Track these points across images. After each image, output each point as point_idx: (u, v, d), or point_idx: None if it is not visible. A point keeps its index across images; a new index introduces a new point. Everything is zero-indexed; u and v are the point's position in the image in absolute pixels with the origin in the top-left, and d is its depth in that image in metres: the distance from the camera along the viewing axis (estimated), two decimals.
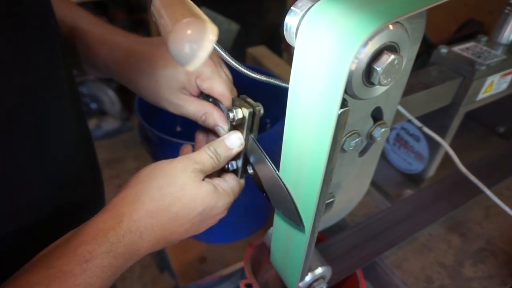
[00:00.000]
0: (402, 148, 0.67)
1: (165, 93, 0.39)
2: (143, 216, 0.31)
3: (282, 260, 0.40)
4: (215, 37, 0.25)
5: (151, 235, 0.31)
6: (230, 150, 0.36)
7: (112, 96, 2.02)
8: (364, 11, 0.21)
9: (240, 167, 0.39)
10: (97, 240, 0.28)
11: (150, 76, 0.39)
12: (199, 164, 0.34)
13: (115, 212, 0.30)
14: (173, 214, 0.32)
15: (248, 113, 0.34)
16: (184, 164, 0.33)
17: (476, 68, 0.50)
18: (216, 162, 0.35)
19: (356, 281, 0.50)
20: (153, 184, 0.32)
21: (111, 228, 0.29)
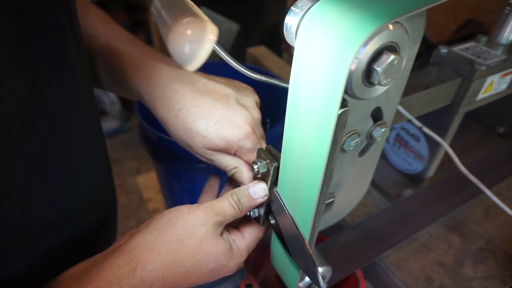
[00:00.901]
0: (402, 148, 0.67)
1: (199, 149, 0.37)
2: (157, 267, 0.30)
3: (282, 260, 0.40)
4: (215, 37, 0.25)
5: (160, 286, 0.31)
6: (254, 201, 0.35)
7: (112, 96, 2.02)
8: (364, 11, 0.21)
9: (262, 216, 0.37)
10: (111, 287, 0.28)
11: (187, 129, 0.36)
12: (221, 215, 0.33)
13: (131, 258, 0.30)
14: (185, 268, 0.32)
15: (273, 167, 0.34)
16: (206, 216, 0.33)
17: (476, 68, 0.50)
18: (237, 212, 0.35)
19: (356, 281, 0.50)
20: (172, 233, 0.32)
21: (125, 276, 0.29)
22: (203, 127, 0.36)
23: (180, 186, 0.77)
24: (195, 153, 0.38)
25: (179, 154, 0.66)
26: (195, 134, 0.36)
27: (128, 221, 1.50)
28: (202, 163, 0.67)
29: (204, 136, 0.36)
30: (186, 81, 0.37)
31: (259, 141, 0.37)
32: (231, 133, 0.35)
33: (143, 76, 0.38)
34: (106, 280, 0.29)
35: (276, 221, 0.36)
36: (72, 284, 0.29)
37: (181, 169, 0.72)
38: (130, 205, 1.61)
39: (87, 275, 0.29)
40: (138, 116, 0.71)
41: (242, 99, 0.38)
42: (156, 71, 0.38)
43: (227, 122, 0.36)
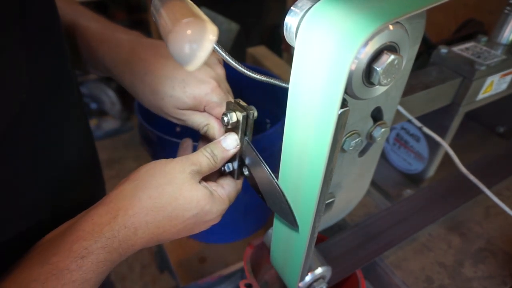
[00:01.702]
0: (402, 148, 0.67)
1: (169, 110, 0.38)
2: (138, 212, 0.31)
3: (282, 260, 0.40)
4: (215, 37, 0.25)
5: (145, 232, 0.31)
6: (227, 152, 0.37)
7: (112, 96, 2.02)
8: (364, 11, 0.21)
9: (236, 169, 0.39)
10: (93, 236, 0.28)
11: (155, 92, 0.38)
12: (197, 165, 0.34)
13: (111, 206, 0.31)
14: (168, 213, 0.32)
15: (242, 116, 0.35)
16: (182, 165, 0.34)
17: (476, 68, 0.50)
18: (212, 163, 0.36)
19: (356, 281, 0.50)
20: (151, 181, 0.32)
21: (107, 223, 0.29)
22: (170, 88, 0.37)
23: None
24: (167, 115, 0.39)
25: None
26: (163, 95, 0.37)
27: None
28: None
29: (171, 96, 0.37)
30: (148, 47, 0.39)
31: (226, 95, 0.39)
32: (198, 89, 0.37)
33: (107, 48, 0.40)
34: (87, 229, 0.29)
35: (249, 172, 0.37)
36: (56, 239, 0.30)
37: None
38: None
39: (69, 229, 0.30)
40: (138, 116, 0.71)
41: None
42: (118, 43, 0.40)
43: (192, 79, 0.37)
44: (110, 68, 0.41)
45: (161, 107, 0.38)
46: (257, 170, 0.36)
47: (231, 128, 0.37)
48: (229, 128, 0.37)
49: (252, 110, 0.35)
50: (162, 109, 0.39)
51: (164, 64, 0.38)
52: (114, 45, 0.40)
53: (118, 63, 0.40)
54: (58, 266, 0.27)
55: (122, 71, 0.40)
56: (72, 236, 0.28)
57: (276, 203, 0.34)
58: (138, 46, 0.39)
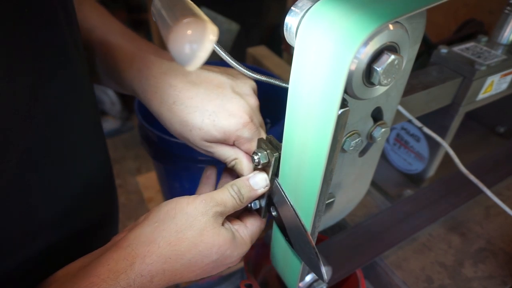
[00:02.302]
0: (402, 148, 0.67)
1: (196, 141, 0.36)
2: (156, 261, 0.30)
3: (282, 260, 0.40)
4: (215, 37, 0.25)
5: (161, 279, 0.30)
6: (255, 191, 0.35)
7: (112, 96, 2.02)
8: (364, 11, 0.21)
9: (264, 207, 0.37)
10: (107, 284, 0.27)
11: (183, 122, 0.35)
12: (221, 206, 0.33)
13: (128, 252, 0.29)
14: (187, 260, 0.31)
15: (274, 158, 0.33)
16: (205, 206, 0.32)
17: (476, 68, 0.50)
18: (238, 203, 0.34)
19: (356, 281, 0.50)
20: (171, 225, 0.31)
21: (123, 271, 0.28)
22: (199, 119, 0.35)
23: (180, 186, 0.77)
24: (193, 146, 0.37)
25: (179, 154, 0.66)
26: (191, 127, 0.35)
27: (128, 221, 1.50)
28: (202, 163, 0.67)
29: (200, 128, 0.35)
30: (179, 73, 0.36)
31: (258, 130, 0.36)
32: (228, 123, 0.34)
33: (136, 70, 0.38)
34: (102, 276, 0.28)
35: (277, 213, 0.35)
36: (67, 281, 0.29)
37: (181, 169, 0.72)
38: (130, 205, 1.61)
39: (82, 271, 0.29)
40: (138, 116, 0.71)
41: (238, 87, 0.36)
42: (149, 65, 0.37)
43: (223, 112, 0.35)
44: (137, 91, 0.38)
45: (188, 138, 0.36)
46: (285, 212, 0.34)
47: (261, 168, 0.35)
48: (259, 168, 0.35)
49: None
50: (189, 140, 0.37)
51: (194, 93, 0.35)
52: (144, 67, 0.37)
53: (146, 88, 0.37)
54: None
55: (150, 97, 0.37)
56: (86, 282, 0.27)
57: (305, 252, 0.33)
58: (169, 71, 0.37)
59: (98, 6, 0.44)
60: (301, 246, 0.33)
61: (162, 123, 0.38)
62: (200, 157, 0.66)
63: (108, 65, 0.40)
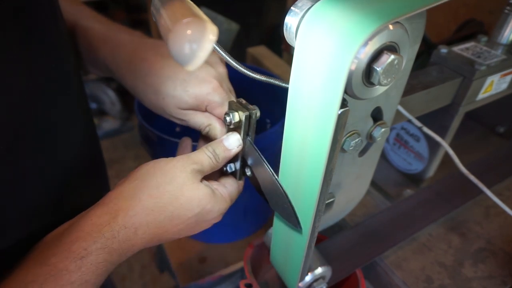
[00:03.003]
0: (402, 148, 0.67)
1: (170, 110, 0.38)
2: (139, 212, 0.30)
3: (282, 260, 0.40)
4: (215, 37, 0.25)
5: (145, 232, 0.31)
6: (229, 151, 0.36)
7: (112, 96, 2.02)
8: (364, 11, 0.21)
9: (239, 169, 0.39)
10: (92, 236, 0.28)
11: (156, 92, 0.38)
12: (198, 164, 0.34)
13: (111, 207, 0.30)
14: (169, 213, 0.32)
15: (245, 116, 0.35)
16: (183, 164, 0.33)
17: (476, 68, 0.50)
18: (214, 162, 0.35)
19: (356, 281, 0.50)
20: (152, 181, 0.32)
21: (106, 224, 0.29)
22: (171, 87, 0.37)
23: None
24: (169, 115, 0.39)
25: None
26: (164, 96, 0.37)
27: None
28: None
29: (173, 96, 0.37)
30: (150, 47, 0.39)
31: (228, 94, 0.38)
32: (199, 89, 0.37)
33: (109, 49, 0.40)
34: (87, 230, 0.28)
35: (252, 173, 0.37)
36: (55, 239, 0.29)
37: None
38: None
39: (67, 230, 0.29)
40: (138, 116, 0.71)
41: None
42: (120, 43, 0.39)
43: (194, 79, 0.37)
44: (111, 69, 0.40)
45: (162, 107, 0.38)
46: (259, 171, 0.36)
47: (234, 128, 0.37)
48: (231, 128, 0.37)
49: (254, 110, 0.35)
50: (163, 109, 0.38)
51: (165, 64, 0.37)
52: (116, 45, 0.40)
53: (120, 64, 0.39)
54: (57, 267, 0.27)
55: (123, 72, 0.39)
56: (71, 237, 0.28)
57: (279, 204, 0.34)
58: (140, 46, 0.39)
59: None
60: (276, 201, 0.34)
61: (137, 96, 0.40)
62: None
63: (82, 48, 0.42)
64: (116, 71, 0.40)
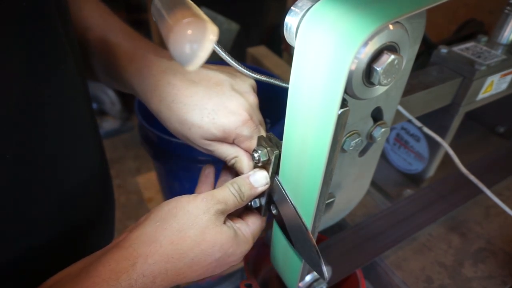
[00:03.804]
0: (402, 148, 0.67)
1: (196, 140, 0.36)
2: (159, 260, 0.29)
3: (282, 260, 0.40)
4: (215, 37, 0.25)
5: (164, 279, 0.30)
6: (255, 189, 0.35)
7: (112, 96, 2.02)
8: (364, 11, 0.21)
9: (264, 205, 0.37)
10: (109, 284, 0.27)
11: (182, 121, 0.35)
12: (222, 204, 0.32)
13: (130, 252, 0.29)
14: (190, 259, 0.30)
15: (275, 155, 0.33)
16: (207, 204, 0.32)
17: (476, 68, 0.50)
18: (239, 201, 0.34)
19: (356, 281, 0.50)
20: (173, 224, 0.31)
21: (125, 271, 0.28)
22: (198, 117, 0.35)
23: (180, 186, 0.77)
24: (193, 144, 0.37)
25: (179, 154, 0.66)
26: (190, 125, 0.35)
27: (128, 221, 1.50)
28: (202, 163, 0.67)
29: (199, 127, 0.35)
30: (178, 71, 0.37)
31: (257, 127, 0.36)
32: (227, 121, 0.34)
33: (135, 69, 0.38)
34: (103, 276, 0.27)
35: (278, 211, 0.35)
36: (69, 281, 0.28)
37: (181, 169, 0.72)
38: (130, 205, 1.61)
39: (84, 272, 0.28)
40: (138, 116, 0.71)
41: (237, 85, 0.36)
42: (148, 64, 0.37)
43: (222, 110, 0.35)
44: (137, 89, 0.38)
45: (187, 136, 0.36)
46: (285, 210, 0.34)
47: (261, 166, 0.35)
48: (259, 166, 0.35)
49: None
50: (188, 139, 0.36)
51: (193, 92, 0.35)
52: (143, 66, 0.38)
53: (146, 87, 0.37)
54: None
55: (149, 95, 0.37)
56: (88, 282, 0.27)
57: (306, 250, 0.33)
58: (168, 70, 0.37)
59: (100, 6, 0.44)
60: (302, 245, 0.33)
61: (161, 121, 0.38)
62: (200, 157, 0.66)
63: (108, 64, 0.40)
64: (141, 93, 0.38)
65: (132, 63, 0.38)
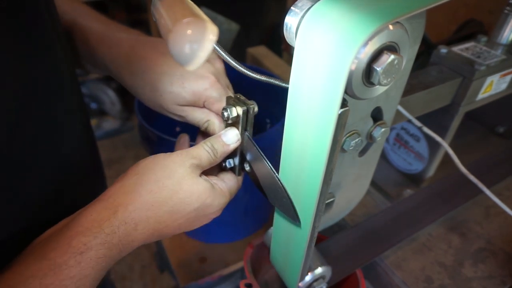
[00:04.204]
0: (402, 148, 0.67)
1: (169, 106, 0.38)
2: (139, 207, 0.30)
3: (282, 260, 0.40)
4: (215, 37, 0.25)
5: (145, 227, 0.31)
6: (227, 146, 0.36)
7: (112, 96, 2.03)
8: (364, 11, 0.21)
9: (238, 165, 0.39)
10: (92, 231, 0.28)
11: (154, 88, 0.38)
12: (196, 159, 0.34)
13: (110, 202, 0.30)
14: (169, 207, 0.32)
15: (242, 111, 0.35)
16: (182, 158, 0.33)
17: (476, 68, 0.50)
18: (213, 157, 0.35)
19: (356, 281, 0.50)
20: (151, 176, 0.32)
21: (106, 219, 0.29)
22: (168, 83, 0.37)
23: None
24: (167, 112, 0.39)
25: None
26: (162, 92, 0.37)
27: None
28: None
29: (170, 92, 0.37)
30: (148, 45, 0.39)
31: (225, 89, 0.38)
32: (196, 84, 0.37)
33: (107, 47, 0.40)
34: (87, 225, 0.28)
35: (251, 168, 0.37)
36: (54, 235, 0.29)
37: None
38: None
39: (66, 226, 0.29)
40: (138, 116, 0.71)
41: None
42: (117, 42, 0.40)
43: (191, 75, 0.37)
44: (110, 67, 0.40)
45: (160, 103, 0.38)
46: (258, 166, 0.36)
47: (232, 123, 0.37)
48: (230, 123, 0.37)
49: (252, 104, 0.35)
50: (161, 106, 0.39)
51: (162, 61, 0.37)
52: (114, 44, 0.40)
53: (118, 63, 0.39)
54: (56, 262, 0.27)
55: (121, 70, 0.39)
56: (71, 232, 0.28)
57: (278, 198, 0.34)
58: (137, 44, 0.39)
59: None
60: (275, 195, 0.34)
61: (135, 94, 0.40)
62: None
63: (81, 47, 0.42)
64: (114, 69, 0.40)
65: (103, 42, 0.40)
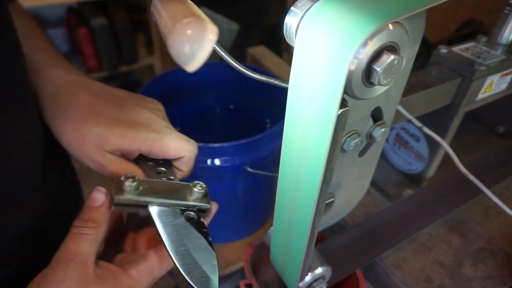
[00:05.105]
0: (402, 148, 0.67)
1: (90, 151, 0.33)
2: None
3: (282, 260, 0.40)
4: (215, 37, 0.25)
5: None
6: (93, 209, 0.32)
7: None
8: (363, 11, 0.21)
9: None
10: None
11: (76, 127, 0.33)
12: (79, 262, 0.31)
13: None
14: None
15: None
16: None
17: (476, 68, 0.50)
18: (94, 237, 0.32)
19: (356, 281, 0.50)
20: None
21: None
22: (94, 123, 0.32)
23: None
24: (85, 157, 0.34)
25: None
26: (85, 132, 0.33)
27: None
28: (201, 163, 0.67)
29: (95, 133, 0.32)
30: (84, 86, 0.36)
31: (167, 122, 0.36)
32: (127, 130, 0.32)
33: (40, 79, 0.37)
34: None
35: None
36: None
37: None
38: None
39: None
40: None
41: (140, 102, 0.36)
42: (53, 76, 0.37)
43: (123, 119, 0.33)
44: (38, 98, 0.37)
45: (80, 145, 0.33)
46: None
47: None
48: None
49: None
50: (81, 148, 0.33)
51: (93, 101, 0.34)
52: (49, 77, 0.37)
53: (46, 94, 0.36)
54: None
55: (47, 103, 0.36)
56: None
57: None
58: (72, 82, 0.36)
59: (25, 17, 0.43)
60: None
61: (54, 131, 0.35)
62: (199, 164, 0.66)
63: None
64: (40, 100, 0.36)
65: (37, 74, 0.37)
